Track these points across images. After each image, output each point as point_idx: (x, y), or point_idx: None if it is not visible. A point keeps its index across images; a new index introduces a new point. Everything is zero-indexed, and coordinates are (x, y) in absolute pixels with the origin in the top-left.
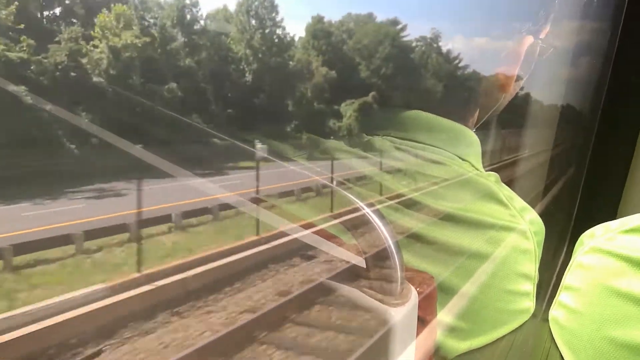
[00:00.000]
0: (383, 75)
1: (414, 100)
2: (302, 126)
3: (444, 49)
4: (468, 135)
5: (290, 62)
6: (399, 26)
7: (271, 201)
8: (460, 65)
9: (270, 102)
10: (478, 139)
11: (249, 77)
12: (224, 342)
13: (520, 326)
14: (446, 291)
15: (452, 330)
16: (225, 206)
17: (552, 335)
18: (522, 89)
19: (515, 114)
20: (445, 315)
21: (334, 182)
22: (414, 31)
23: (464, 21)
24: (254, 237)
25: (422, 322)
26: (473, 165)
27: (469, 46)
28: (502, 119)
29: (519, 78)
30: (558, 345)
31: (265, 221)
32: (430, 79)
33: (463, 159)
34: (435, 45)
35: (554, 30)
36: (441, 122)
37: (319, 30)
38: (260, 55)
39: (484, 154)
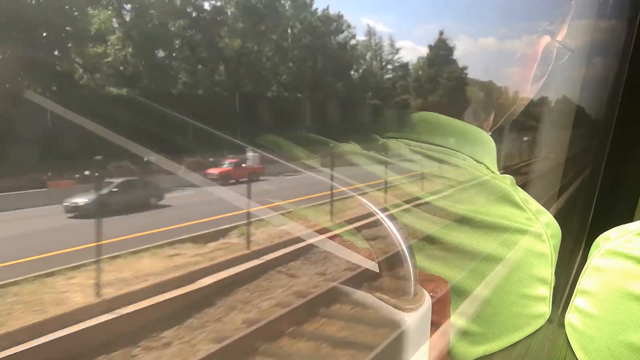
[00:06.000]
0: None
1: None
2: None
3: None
4: (483, 137)
5: None
6: None
7: None
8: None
9: None
10: (493, 141)
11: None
12: None
13: (536, 331)
14: (460, 295)
15: (466, 335)
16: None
17: (568, 340)
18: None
19: (529, 115)
20: (459, 320)
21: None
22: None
23: (477, 20)
24: None
25: (436, 326)
26: (488, 168)
27: (483, 46)
28: (516, 121)
29: (536, 79)
30: (574, 351)
31: None
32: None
33: (478, 161)
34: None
35: (569, 29)
36: (456, 124)
37: None
38: None
39: (498, 157)
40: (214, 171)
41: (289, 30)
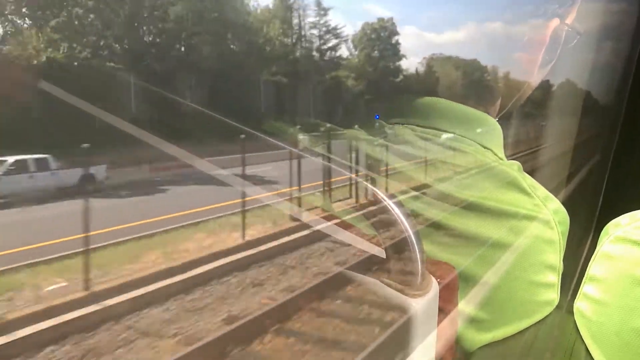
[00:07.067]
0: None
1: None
2: None
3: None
4: (490, 123)
5: None
6: None
7: None
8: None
9: None
10: (500, 127)
11: None
12: None
13: (544, 318)
14: (468, 281)
15: (474, 322)
16: None
17: (577, 328)
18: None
19: (537, 102)
20: (467, 306)
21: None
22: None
23: (485, 3)
24: None
25: (443, 312)
26: (495, 154)
27: (489, 30)
28: (523, 107)
29: (543, 64)
30: (583, 338)
31: None
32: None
33: (485, 147)
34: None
35: (578, 12)
36: (463, 110)
37: None
38: None
39: (505, 143)
40: None
41: None
